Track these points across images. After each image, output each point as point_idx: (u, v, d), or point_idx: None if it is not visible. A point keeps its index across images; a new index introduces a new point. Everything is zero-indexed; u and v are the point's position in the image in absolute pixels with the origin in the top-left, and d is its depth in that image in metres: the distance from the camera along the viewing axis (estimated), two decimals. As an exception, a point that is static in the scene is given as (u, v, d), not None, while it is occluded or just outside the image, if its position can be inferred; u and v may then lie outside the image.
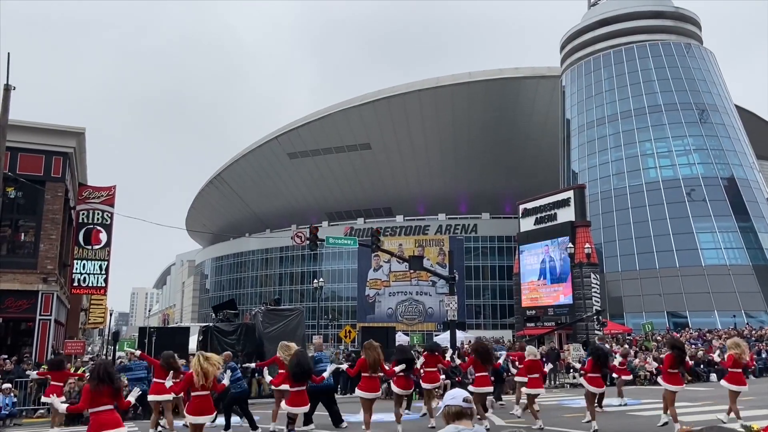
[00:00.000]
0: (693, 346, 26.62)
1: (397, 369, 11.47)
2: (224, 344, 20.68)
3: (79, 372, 15.55)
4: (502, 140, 69.53)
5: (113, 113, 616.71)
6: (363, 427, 10.66)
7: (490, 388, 12.49)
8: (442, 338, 38.20)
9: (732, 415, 11.02)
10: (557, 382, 23.73)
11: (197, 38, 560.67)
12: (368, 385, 10.79)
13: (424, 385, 12.50)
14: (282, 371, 11.72)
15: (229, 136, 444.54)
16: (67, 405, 8.44)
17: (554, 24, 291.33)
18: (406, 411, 13.43)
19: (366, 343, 11.43)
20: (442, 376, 14.23)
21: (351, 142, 74.75)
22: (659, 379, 11.58)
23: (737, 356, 11.26)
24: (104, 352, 45.35)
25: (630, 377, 19.13)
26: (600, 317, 32.25)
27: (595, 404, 12.14)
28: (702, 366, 23.58)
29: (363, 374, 10.97)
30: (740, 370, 11.34)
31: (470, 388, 11.98)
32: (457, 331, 27.00)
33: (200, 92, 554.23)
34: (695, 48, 57.18)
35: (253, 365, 15.44)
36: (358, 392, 11.05)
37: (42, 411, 16.22)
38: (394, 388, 11.88)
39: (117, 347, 31.55)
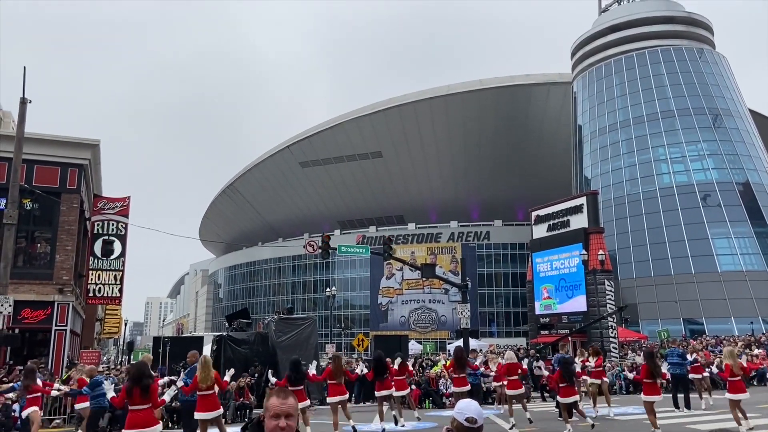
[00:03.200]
0: (711, 354, 26.28)
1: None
2: (238, 353, 20.75)
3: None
4: (514, 147, 69.37)
5: (131, 125, 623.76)
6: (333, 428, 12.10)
7: (467, 388, 13.98)
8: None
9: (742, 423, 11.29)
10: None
11: (216, 51, 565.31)
12: (334, 391, 12.41)
13: (395, 393, 13.73)
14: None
15: (246, 146, 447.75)
16: (113, 395, 9.29)
17: (565, 31, 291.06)
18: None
19: (332, 355, 13.83)
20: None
21: (362, 151, 74.91)
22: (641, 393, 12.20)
23: (732, 366, 11.71)
24: (119, 361, 45.63)
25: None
26: (622, 315, 31.78)
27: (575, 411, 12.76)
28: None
29: (329, 381, 12.60)
30: (738, 378, 11.64)
31: (451, 388, 14.25)
32: (470, 339, 26.88)
33: (218, 104, 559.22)
34: (707, 52, 56.82)
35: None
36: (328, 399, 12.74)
37: (58, 421, 16.32)
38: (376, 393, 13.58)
39: (132, 357, 31.76)
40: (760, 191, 48.62)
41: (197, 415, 10.32)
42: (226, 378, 11.51)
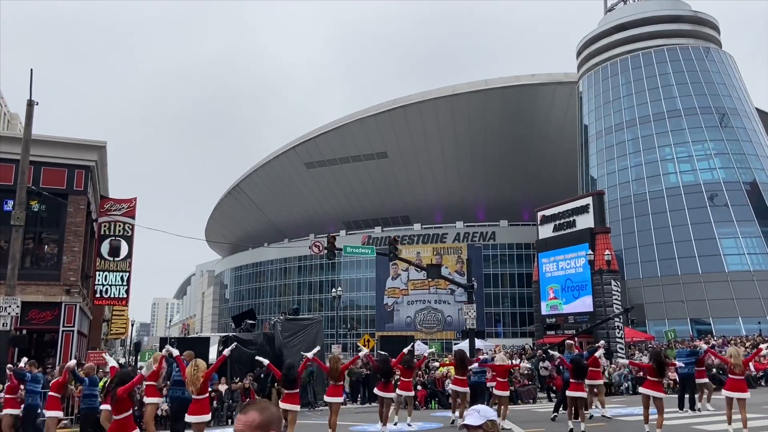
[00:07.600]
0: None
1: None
2: (244, 354, 20.77)
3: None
4: (520, 147, 69.25)
5: (139, 127, 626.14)
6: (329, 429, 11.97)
7: (466, 389, 13.96)
8: (462, 347, 37.99)
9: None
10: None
11: (229, 56, 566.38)
12: (330, 392, 12.35)
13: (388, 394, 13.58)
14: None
15: (256, 149, 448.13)
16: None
17: (570, 30, 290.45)
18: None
19: (330, 356, 13.49)
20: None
21: (368, 151, 74.95)
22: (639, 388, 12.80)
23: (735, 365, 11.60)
24: (126, 362, 45.77)
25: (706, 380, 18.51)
26: (629, 316, 31.69)
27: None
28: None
29: (330, 381, 12.57)
30: (741, 377, 11.54)
31: (450, 386, 14.42)
32: (476, 339, 26.86)
33: (229, 108, 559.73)
34: (714, 52, 56.56)
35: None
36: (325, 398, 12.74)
37: (65, 422, 16.37)
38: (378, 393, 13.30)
39: (138, 357, 31.87)
40: (767, 191, 48.37)
41: (189, 418, 10.28)
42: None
